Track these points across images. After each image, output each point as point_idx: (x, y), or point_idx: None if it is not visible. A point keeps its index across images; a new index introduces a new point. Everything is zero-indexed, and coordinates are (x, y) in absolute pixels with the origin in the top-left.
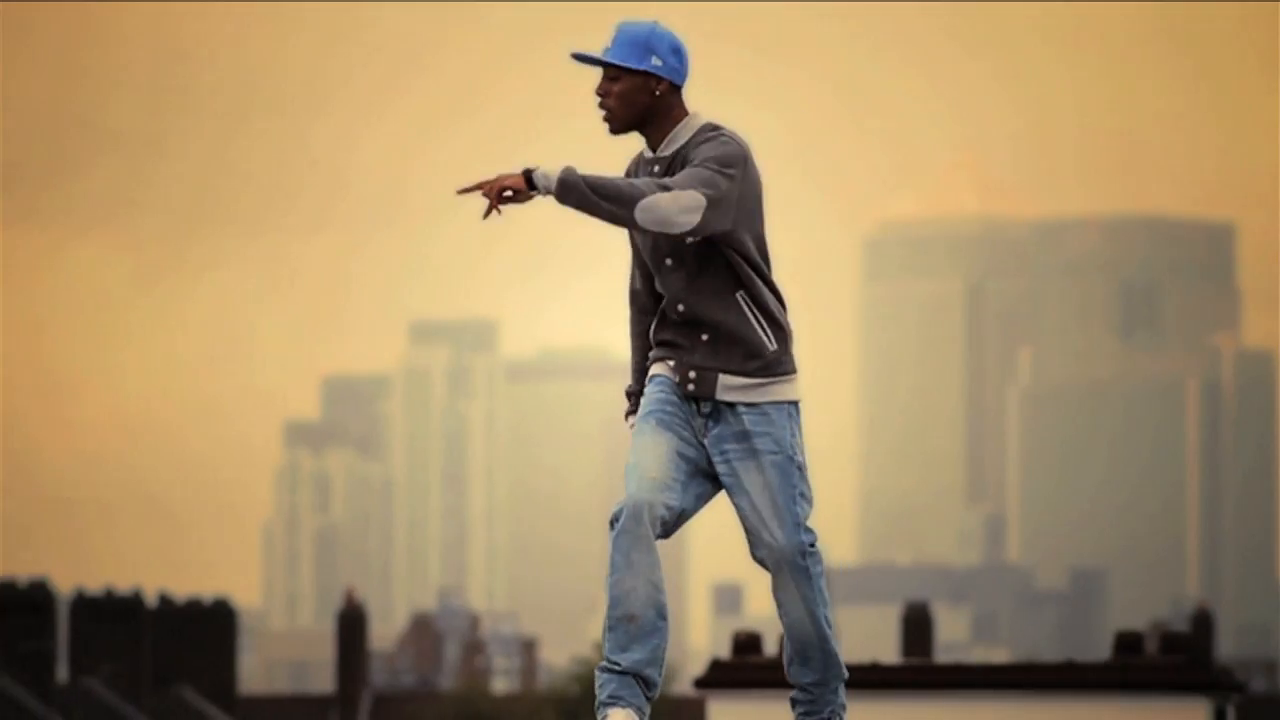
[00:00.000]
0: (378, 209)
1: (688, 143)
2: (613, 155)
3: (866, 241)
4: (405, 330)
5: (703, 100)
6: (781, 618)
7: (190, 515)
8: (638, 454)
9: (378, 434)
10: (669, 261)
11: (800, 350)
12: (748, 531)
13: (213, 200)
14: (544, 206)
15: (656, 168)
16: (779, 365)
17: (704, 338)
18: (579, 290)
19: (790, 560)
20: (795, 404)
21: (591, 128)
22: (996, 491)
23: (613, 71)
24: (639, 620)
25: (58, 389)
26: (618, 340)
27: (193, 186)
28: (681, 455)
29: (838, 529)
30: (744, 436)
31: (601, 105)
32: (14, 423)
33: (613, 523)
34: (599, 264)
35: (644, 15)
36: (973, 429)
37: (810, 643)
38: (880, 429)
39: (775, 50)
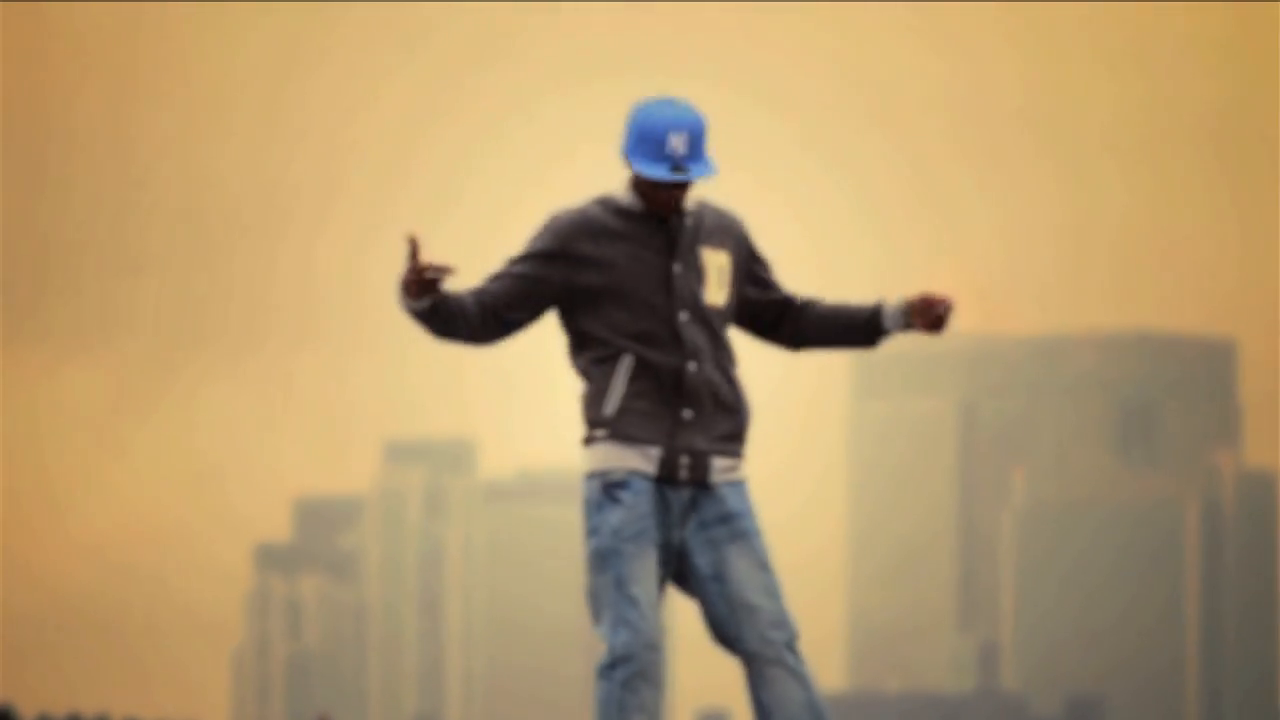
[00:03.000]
0: (351, 328)
1: None
2: None
3: (857, 359)
4: (379, 451)
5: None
6: None
7: (158, 640)
8: (638, 584)
9: (351, 557)
10: (684, 315)
11: (789, 468)
12: (740, 615)
13: (185, 323)
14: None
15: None
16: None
17: (695, 415)
18: (559, 411)
19: (791, 642)
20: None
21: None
22: (990, 616)
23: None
24: None
25: (30, 513)
26: None
27: (165, 310)
28: (658, 575)
29: (824, 654)
30: (729, 518)
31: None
32: None
33: (620, 661)
34: (579, 384)
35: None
36: (965, 551)
37: None
38: (870, 550)
39: (759, 155)
